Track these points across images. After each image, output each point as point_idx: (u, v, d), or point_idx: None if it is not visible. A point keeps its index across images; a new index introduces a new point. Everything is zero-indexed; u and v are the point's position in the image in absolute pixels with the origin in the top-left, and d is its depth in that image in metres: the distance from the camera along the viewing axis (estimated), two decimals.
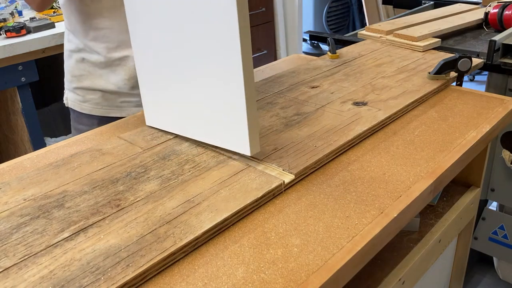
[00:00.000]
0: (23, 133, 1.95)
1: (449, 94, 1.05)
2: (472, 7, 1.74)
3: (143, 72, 0.87)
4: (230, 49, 0.69)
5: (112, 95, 1.16)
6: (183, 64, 0.78)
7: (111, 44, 1.11)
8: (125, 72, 1.13)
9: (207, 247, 0.62)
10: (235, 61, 0.69)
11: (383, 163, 0.79)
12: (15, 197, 0.71)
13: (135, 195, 0.70)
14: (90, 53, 1.13)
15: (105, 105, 1.17)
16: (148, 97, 0.89)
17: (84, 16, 1.10)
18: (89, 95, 1.17)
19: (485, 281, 1.89)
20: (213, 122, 0.79)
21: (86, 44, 1.13)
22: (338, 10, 4.42)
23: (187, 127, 0.85)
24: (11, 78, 1.80)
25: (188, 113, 0.82)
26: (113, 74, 1.14)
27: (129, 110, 1.17)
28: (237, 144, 0.77)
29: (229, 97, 0.73)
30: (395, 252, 0.86)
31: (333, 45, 1.31)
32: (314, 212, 0.67)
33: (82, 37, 1.12)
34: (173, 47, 0.78)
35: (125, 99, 1.16)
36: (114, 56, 1.12)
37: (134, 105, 1.17)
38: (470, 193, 1.05)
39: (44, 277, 0.55)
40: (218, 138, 0.80)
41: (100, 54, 1.12)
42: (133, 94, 1.16)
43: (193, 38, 0.74)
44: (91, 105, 1.17)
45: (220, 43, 0.70)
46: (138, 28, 0.83)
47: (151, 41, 0.82)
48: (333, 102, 0.99)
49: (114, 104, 1.17)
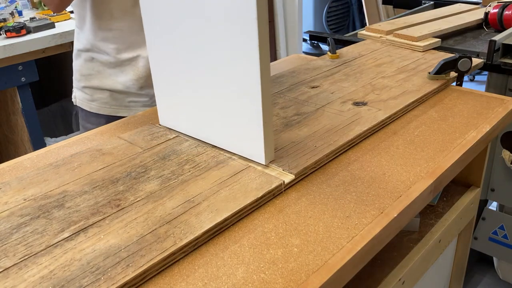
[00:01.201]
0: (23, 133, 1.95)
1: (449, 94, 1.05)
2: (472, 7, 1.74)
3: (159, 73, 0.87)
4: (249, 59, 0.70)
5: (120, 95, 1.16)
6: (201, 70, 0.78)
7: (121, 45, 1.12)
8: (134, 72, 1.14)
9: (207, 247, 0.62)
10: (253, 71, 0.70)
11: (383, 163, 0.79)
12: (15, 197, 0.71)
13: (135, 195, 0.70)
14: (99, 53, 1.14)
15: (113, 104, 1.17)
16: (163, 98, 0.89)
17: (95, 17, 1.10)
18: (97, 94, 1.17)
19: (485, 281, 1.89)
20: (229, 129, 0.79)
21: (96, 44, 1.13)
22: (338, 10, 4.42)
23: (202, 131, 0.85)
24: (11, 78, 1.80)
25: (204, 118, 0.83)
26: (122, 74, 1.14)
27: (137, 110, 1.17)
28: (252, 152, 0.77)
29: (246, 106, 0.74)
30: (395, 252, 0.86)
31: (333, 45, 1.31)
32: (314, 212, 0.67)
33: (92, 37, 1.13)
34: (192, 51, 0.78)
35: (133, 99, 1.17)
36: (124, 56, 1.13)
37: (142, 105, 1.18)
38: (470, 193, 1.05)
39: (44, 277, 0.55)
40: (233, 145, 0.80)
41: (110, 55, 1.13)
42: (141, 94, 1.16)
43: (213, 45, 0.74)
44: (99, 104, 1.18)
45: (239, 52, 0.71)
46: (155, 30, 0.83)
47: (168, 44, 0.82)
48: (333, 102, 0.99)
49: (122, 104, 1.17)
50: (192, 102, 0.84)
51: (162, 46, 0.84)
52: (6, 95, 1.93)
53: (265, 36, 0.68)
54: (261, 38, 0.68)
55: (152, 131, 0.90)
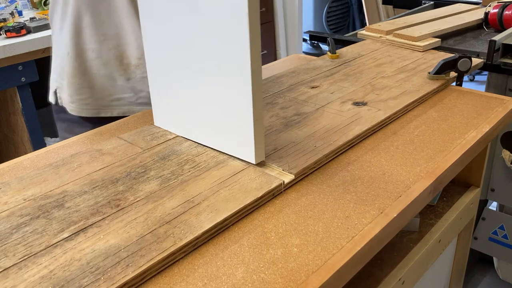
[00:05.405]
0: (23, 133, 1.95)
1: (449, 94, 1.05)
2: (472, 7, 1.74)
3: (154, 73, 0.87)
4: (240, 60, 0.70)
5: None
6: (193, 70, 0.78)
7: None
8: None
9: (207, 247, 0.62)
10: (244, 72, 0.70)
11: (383, 163, 0.79)
12: (15, 197, 0.71)
13: (135, 195, 0.70)
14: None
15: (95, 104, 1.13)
16: (158, 98, 0.89)
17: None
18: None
19: (485, 281, 1.89)
20: (220, 129, 0.79)
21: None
22: (338, 10, 4.43)
23: (194, 131, 0.85)
24: (11, 78, 1.81)
25: (196, 118, 0.83)
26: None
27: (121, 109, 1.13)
28: (243, 151, 0.77)
29: (237, 105, 0.74)
30: (395, 252, 0.86)
31: (333, 45, 1.31)
32: (314, 212, 0.67)
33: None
34: (184, 51, 0.78)
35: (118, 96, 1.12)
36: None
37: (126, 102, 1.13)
38: (470, 193, 1.05)
39: (44, 277, 0.55)
40: (224, 145, 0.80)
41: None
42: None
43: (204, 46, 0.74)
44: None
45: (230, 53, 0.71)
46: (151, 30, 0.83)
47: (163, 44, 0.82)
48: (333, 102, 0.99)
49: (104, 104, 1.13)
50: (185, 102, 0.83)
51: (156, 46, 0.84)
52: (6, 95, 1.93)
53: (256, 39, 0.68)
54: (252, 40, 0.67)
55: (152, 131, 0.90)
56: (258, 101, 0.72)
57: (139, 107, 1.11)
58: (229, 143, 0.79)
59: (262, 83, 0.72)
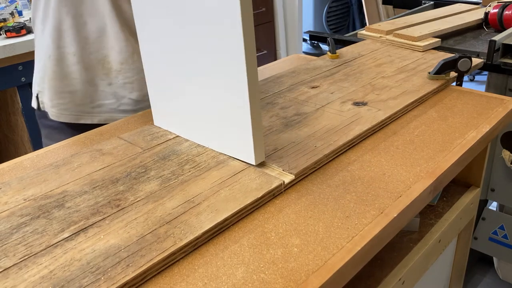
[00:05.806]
0: (23, 133, 1.95)
1: (449, 94, 1.05)
2: (472, 7, 1.74)
3: (152, 74, 0.87)
4: (235, 59, 0.69)
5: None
6: (190, 71, 0.78)
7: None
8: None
9: (207, 247, 0.62)
10: (240, 72, 0.70)
11: (383, 163, 0.79)
12: (15, 197, 0.71)
13: (135, 195, 0.70)
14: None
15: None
16: (156, 99, 0.89)
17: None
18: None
19: (485, 281, 1.89)
20: (220, 130, 0.79)
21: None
22: (338, 10, 4.43)
23: (194, 132, 0.85)
24: (11, 78, 1.80)
25: (195, 118, 0.83)
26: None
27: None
28: (243, 152, 0.77)
29: (235, 106, 0.74)
30: (395, 252, 0.86)
31: (333, 45, 1.31)
32: (314, 212, 0.67)
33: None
34: (181, 52, 0.78)
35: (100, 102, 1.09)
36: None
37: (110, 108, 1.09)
38: (470, 193, 1.05)
39: (44, 277, 0.55)
40: (224, 146, 0.80)
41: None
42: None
43: (200, 45, 0.74)
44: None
45: (226, 53, 0.70)
46: (147, 30, 0.83)
47: (159, 45, 0.82)
48: (333, 102, 0.99)
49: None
50: (183, 103, 0.83)
51: (153, 47, 0.84)
52: (6, 95, 1.93)
53: (251, 39, 0.68)
54: (246, 41, 0.67)
55: (152, 131, 0.90)
56: (255, 102, 0.72)
57: (121, 114, 1.07)
58: (228, 145, 0.79)
59: (258, 83, 0.72)
